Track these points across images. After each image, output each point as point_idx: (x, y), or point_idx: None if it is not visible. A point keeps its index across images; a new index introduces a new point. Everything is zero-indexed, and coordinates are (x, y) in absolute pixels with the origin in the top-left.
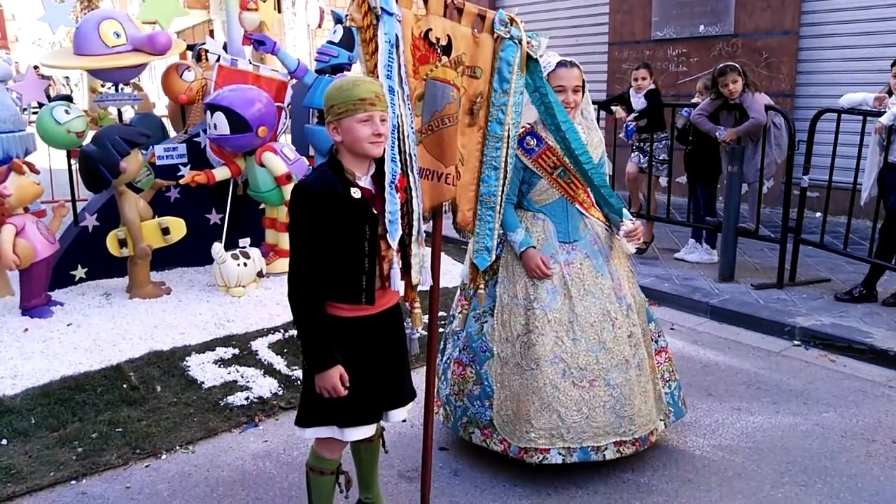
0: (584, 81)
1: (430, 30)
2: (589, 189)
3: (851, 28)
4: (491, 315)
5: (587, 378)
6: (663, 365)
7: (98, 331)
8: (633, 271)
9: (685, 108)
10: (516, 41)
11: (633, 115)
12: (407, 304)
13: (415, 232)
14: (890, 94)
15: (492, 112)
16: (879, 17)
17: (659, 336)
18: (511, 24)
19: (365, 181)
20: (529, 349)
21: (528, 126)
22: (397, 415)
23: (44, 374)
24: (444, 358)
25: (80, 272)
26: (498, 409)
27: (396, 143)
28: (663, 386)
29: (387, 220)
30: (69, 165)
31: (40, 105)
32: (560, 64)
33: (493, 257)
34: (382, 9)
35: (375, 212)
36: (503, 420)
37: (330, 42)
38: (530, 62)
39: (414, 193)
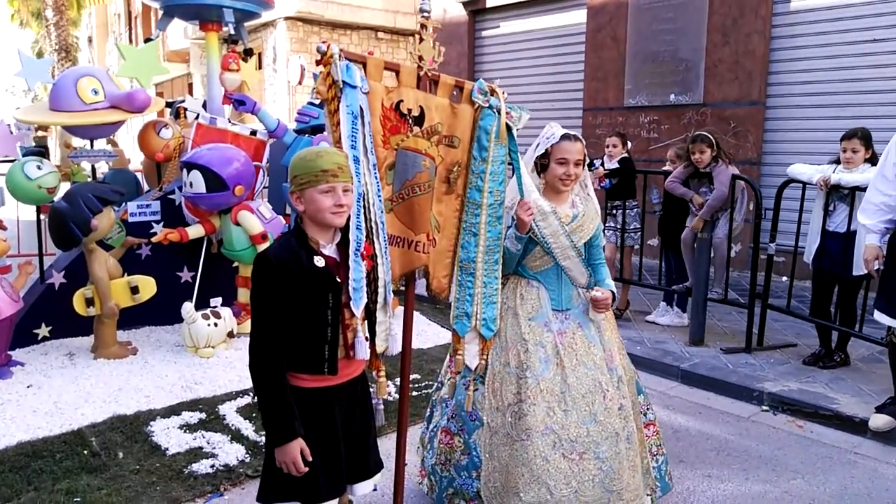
0: (585, 155)
1: (402, 101)
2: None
3: (815, 100)
4: (482, 383)
5: (577, 451)
6: (651, 438)
7: (60, 393)
8: (622, 343)
9: (654, 195)
10: (495, 110)
11: (604, 173)
12: (373, 372)
13: (380, 299)
14: (838, 162)
15: (471, 179)
16: (841, 90)
17: (648, 409)
18: (491, 94)
19: (330, 249)
20: (520, 419)
21: None
22: (362, 488)
23: None
24: (431, 426)
25: (43, 331)
26: (486, 480)
27: (362, 211)
28: (651, 460)
29: (350, 288)
30: (38, 219)
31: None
32: (564, 137)
33: (474, 323)
34: (345, 82)
35: (339, 280)
36: (491, 492)
37: (310, 103)
38: (507, 133)
39: (380, 261)
